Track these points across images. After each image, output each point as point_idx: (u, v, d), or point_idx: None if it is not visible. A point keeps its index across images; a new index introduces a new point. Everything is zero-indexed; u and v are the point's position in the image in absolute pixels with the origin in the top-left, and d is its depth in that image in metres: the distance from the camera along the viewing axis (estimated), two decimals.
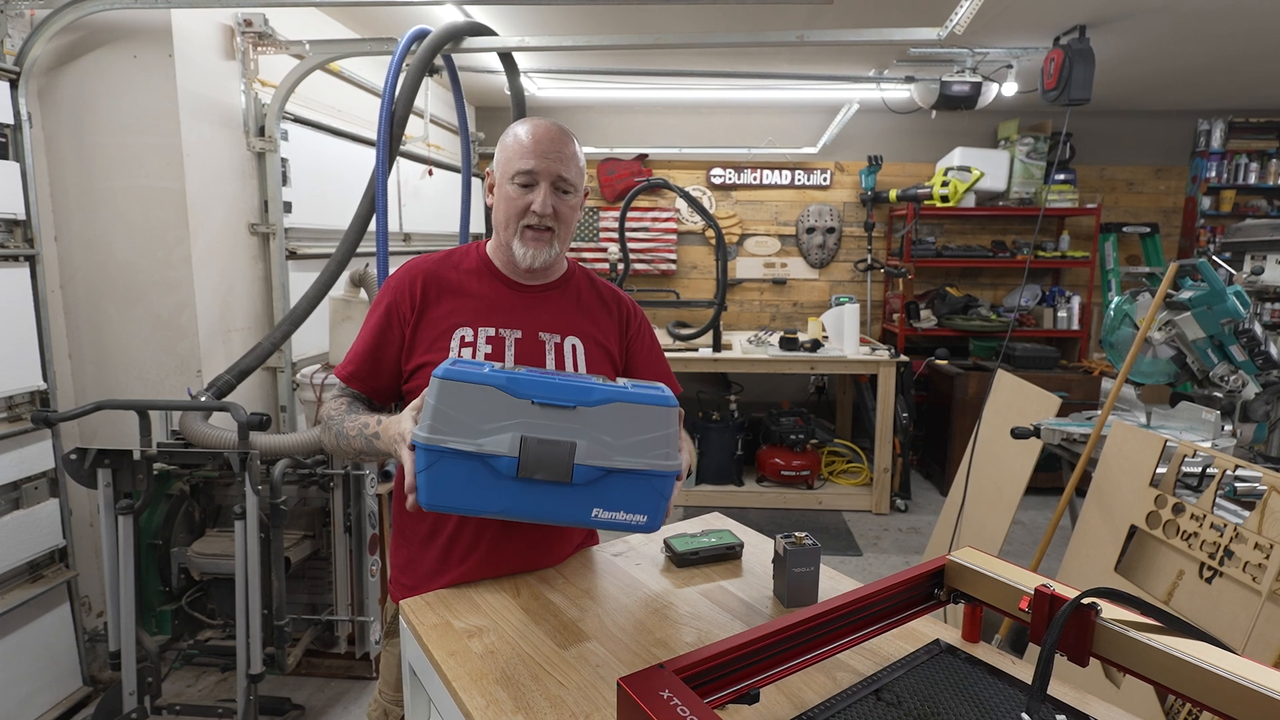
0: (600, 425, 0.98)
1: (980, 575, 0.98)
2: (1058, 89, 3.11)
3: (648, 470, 0.98)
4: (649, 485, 0.99)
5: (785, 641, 0.86)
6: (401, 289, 1.27)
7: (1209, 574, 1.71)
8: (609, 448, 0.97)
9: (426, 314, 1.27)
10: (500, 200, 1.26)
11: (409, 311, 1.27)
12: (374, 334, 1.27)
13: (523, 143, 1.24)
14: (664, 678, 0.75)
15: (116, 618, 2.03)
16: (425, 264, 1.30)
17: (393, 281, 1.29)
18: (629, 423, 0.98)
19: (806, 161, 5.12)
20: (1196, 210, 5.03)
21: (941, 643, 1.03)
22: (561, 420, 0.97)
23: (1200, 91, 4.49)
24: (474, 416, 0.96)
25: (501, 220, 1.26)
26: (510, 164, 1.24)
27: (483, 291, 1.29)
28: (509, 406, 0.97)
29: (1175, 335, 2.27)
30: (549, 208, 1.23)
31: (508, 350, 1.26)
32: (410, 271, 1.29)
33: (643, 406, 0.98)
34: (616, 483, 0.98)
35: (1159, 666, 0.79)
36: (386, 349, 1.27)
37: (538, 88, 4.38)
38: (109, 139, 2.30)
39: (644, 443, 0.98)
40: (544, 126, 1.25)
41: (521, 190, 1.24)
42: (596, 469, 0.97)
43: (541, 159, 1.23)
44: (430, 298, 1.27)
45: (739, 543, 1.39)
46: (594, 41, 2.36)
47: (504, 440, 0.96)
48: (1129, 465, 2.02)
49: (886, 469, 4.18)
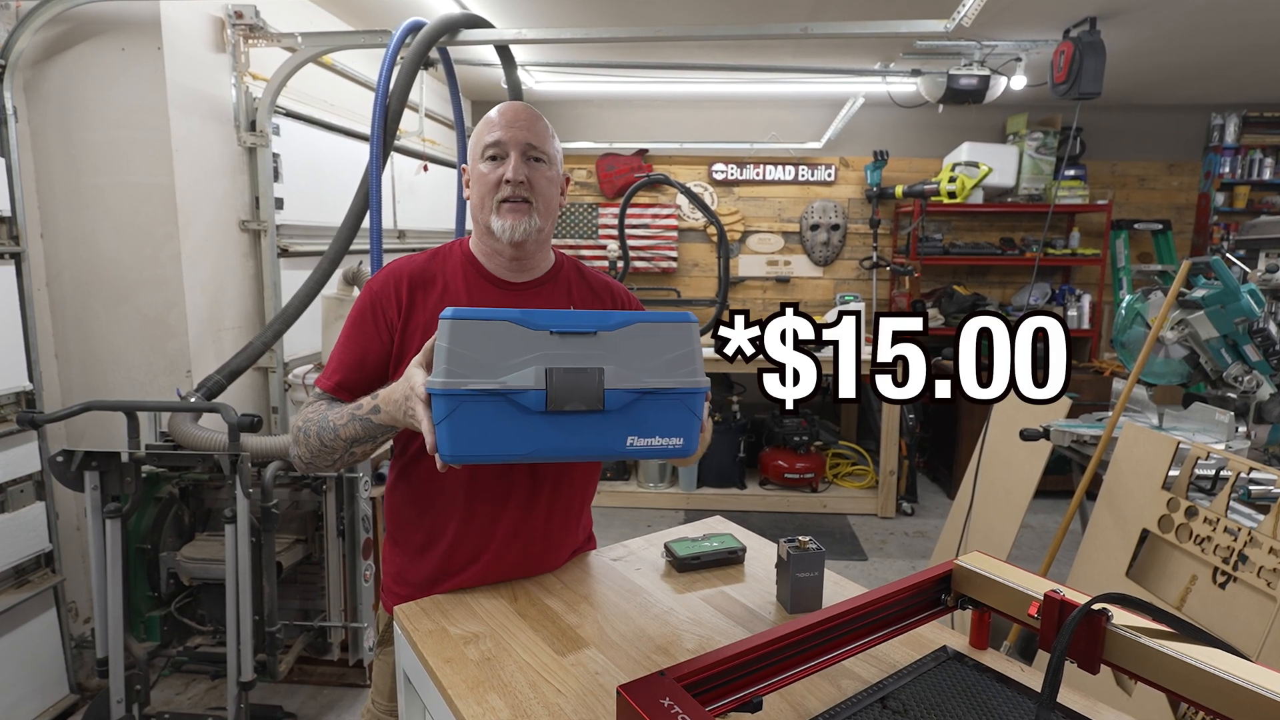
0: (624, 349, 0.97)
1: (988, 580, 0.99)
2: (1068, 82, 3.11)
3: (678, 389, 0.97)
4: (681, 404, 0.97)
5: (789, 648, 0.86)
6: (386, 292, 1.22)
7: (1222, 579, 1.71)
8: (637, 370, 0.96)
9: (414, 317, 1.22)
10: (474, 183, 1.24)
11: (395, 315, 1.21)
12: (358, 340, 1.22)
13: (490, 119, 1.23)
14: (665, 685, 0.75)
15: (104, 624, 2.03)
16: (408, 265, 1.26)
17: (375, 284, 1.23)
18: (652, 343, 0.98)
19: (810, 157, 5.12)
20: (1210, 207, 5.03)
21: (949, 649, 1.03)
22: (584, 348, 0.95)
23: (1214, 85, 4.49)
24: (491, 354, 0.93)
25: (477, 201, 1.24)
26: (479, 143, 1.23)
27: (470, 293, 1.25)
28: (527, 340, 0.94)
29: (1188, 335, 2.27)
30: (521, 174, 1.20)
31: None
32: (393, 273, 1.24)
33: (664, 325, 0.99)
34: (649, 406, 0.96)
35: (1171, 674, 0.79)
36: (372, 356, 1.21)
37: (535, 81, 4.38)
38: (96, 134, 2.30)
39: (670, 362, 0.98)
40: (510, 104, 1.25)
41: (492, 164, 1.21)
42: (629, 392, 0.95)
43: (508, 128, 1.21)
44: (417, 300, 1.22)
45: (741, 547, 1.39)
46: (593, 34, 2.36)
47: (528, 374, 0.93)
48: (1141, 468, 2.02)
49: (892, 471, 4.18)
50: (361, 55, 3.32)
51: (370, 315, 1.22)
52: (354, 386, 1.21)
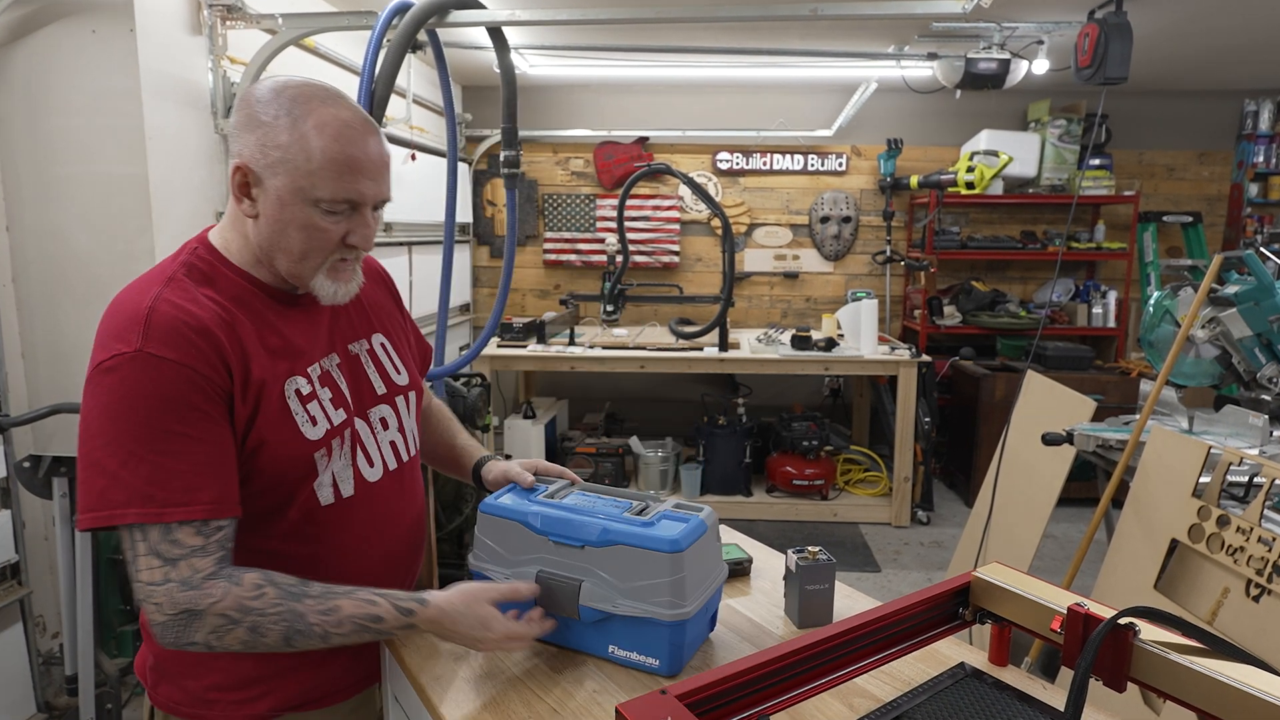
0: (605, 566, 1.05)
1: (1009, 593, 0.98)
2: (1092, 67, 3.11)
3: (646, 617, 1.03)
4: (656, 631, 1.03)
5: (797, 665, 0.86)
6: (194, 353, 0.94)
7: (1256, 591, 1.71)
8: (613, 590, 1.04)
9: (248, 375, 0.99)
10: (297, 227, 0.99)
11: (224, 379, 0.96)
12: (197, 432, 0.94)
13: (343, 159, 0.98)
14: (666, 704, 0.75)
15: (74, 639, 2.03)
16: (185, 307, 0.96)
17: (170, 349, 0.93)
18: (631, 566, 1.03)
19: (820, 145, 5.13)
20: (1243, 198, 5.03)
21: (967, 666, 1.03)
22: (573, 558, 1.07)
23: (1247, 70, 4.49)
24: (508, 548, 1.11)
25: (297, 251, 1.01)
26: (319, 183, 0.97)
27: (277, 323, 1.05)
28: (531, 541, 1.10)
29: (1220, 333, 2.27)
30: (371, 240, 1.05)
31: (340, 384, 1.10)
32: (180, 323, 0.94)
33: (644, 551, 1.03)
34: (623, 624, 1.05)
35: (1202, 692, 0.78)
36: (222, 445, 0.96)
37: (530, 65, 4.38)
38: (66, 121, 2.30)
39: (645, 588, 1.03)
40: (360, 128, 1.00)
41: (333, 219, 1.00)
42: (599, 611, 1.04)
43: (372, 180, 1.01)
44: (232, 353, 0.98)
45: (747, 558, 1.39)
46: (590, 15, 2.36)
47: (529, 574, 1.09)
48: (1170, 474, 2.02)
49: (907, 478, 4.18)
50: (345, 38, 3.32)
51: (191, 392, 0.93)
52: (229, 496, 0.96)
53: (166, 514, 0.91)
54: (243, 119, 1.00)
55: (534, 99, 5.05)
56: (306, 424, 1.04)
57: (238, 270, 1.05)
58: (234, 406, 0.98)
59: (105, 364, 0.93)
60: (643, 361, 4.19)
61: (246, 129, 0.99)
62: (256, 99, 1.00)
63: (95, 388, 0.94)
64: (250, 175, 0.99)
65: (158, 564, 0.91)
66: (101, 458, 0.92)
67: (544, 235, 5.19)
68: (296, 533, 1.07)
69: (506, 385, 5.17)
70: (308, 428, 1.04)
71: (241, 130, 1.00)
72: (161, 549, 0.91)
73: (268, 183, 0.98)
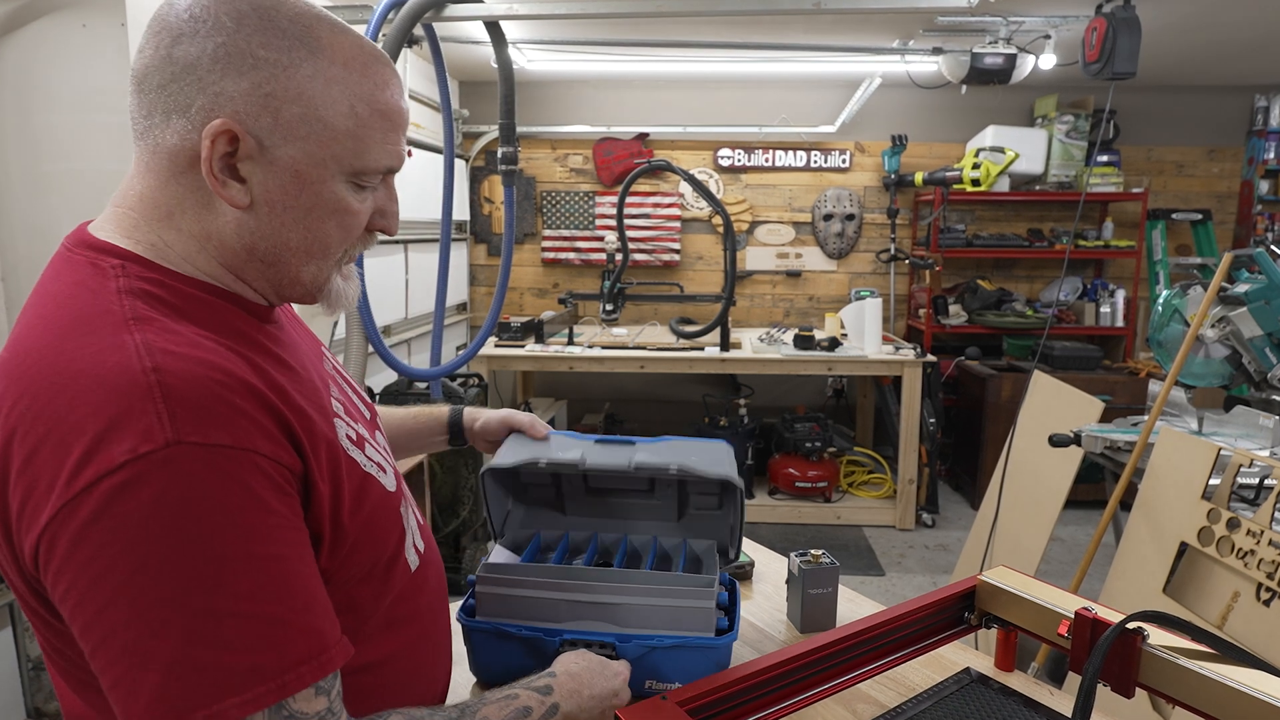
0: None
1: (1015, 597, 0.99)
2: (1100, 62, 3.10)
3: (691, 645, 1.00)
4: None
5: (800, 670, 0.86)
6: (251, 428, 0.63)
7: (1267, 596, 1.71)
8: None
9: (314, 437, 0.70)
10: (325, 213, 0.72)
11: (293, 457, 0.67)
12: (288, 549, 0.65)
13: (385, 107, 0.72)
14: (667, 710, 0.75)
15: None
16: (199, 358, 0.63)
17: (219, 429, 0.61)
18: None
19: (823, 141, 5.13)
20: (1254, 195, 5.02)
21: (972, 672, 1.03)
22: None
23: (1258, 64, 4.49)
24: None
25: (319, 248, 0.73)
26: (361, 148, 0.72)
27: (281, 354, 0.75)
28: None
29: (1230, 333, 2.27)
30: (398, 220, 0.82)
31: (357, 423, 0.83)
32: (211, 383, 0.62)
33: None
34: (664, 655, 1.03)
35: (1212, 698, 0.79)
36: (312, 559, 0.69)
37: (527, 60, 4.38)
38: (56, 117, 2.30)
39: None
40: (385, 60, 0.74)
41: (363, 196, 0.75)
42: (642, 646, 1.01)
43: (403, 136, 0.76)
44: (289, 412, 0.68)
45: (749, 561, 1.39)
46: (590, 9, 2.36)
47: None
48: (1179, 476, 2.02)
49: (912, 480, 4.18)
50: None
51: (269, 490, 0.64)
52: (339, 631, 0.69)
53: (289, 684, 0.61)
54: (213, 54, 0.65)
55: (532, 94, 5.05)
56: (378, 473, 0.79)
57: (207, 287, 0.71)
58: (311, 490, 0.68)
59: (106, 481, 0.57)
60: (643, 361, 4.19)
61: (226, 69, 0.65)
62: (229, 19, 0.65)
63: (100, 526, 0.57)
64: (244, 143, 0.67)
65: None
66: (143, 640, 0.57)
67: (542, 233, 5.19)
68: (384, 623, 0.80)
69: (504, 385, 5.17)
70: (381, 477, 0.80)
71: (216, 72, 0.65)
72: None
73: (278, 152, 0.68)
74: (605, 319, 4.39)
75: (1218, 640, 0.82)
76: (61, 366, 0.61)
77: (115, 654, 0.58)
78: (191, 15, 0.65)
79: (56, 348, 0.62)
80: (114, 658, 0.58)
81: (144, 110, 0.69)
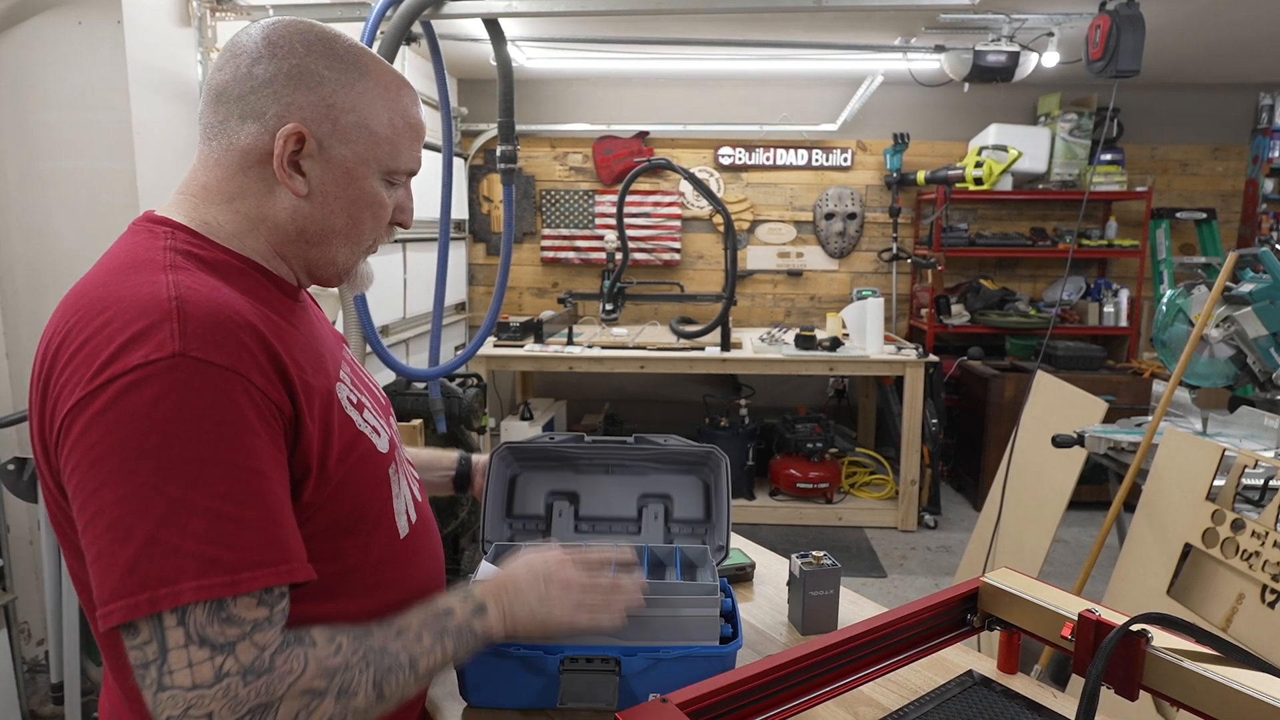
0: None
1: (1018, 599, 0.98)
2: (1104, 59, 3.10)
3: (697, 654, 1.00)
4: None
5: (801, 672, 0.86)
6: (248, 359, 0.73)
7: (1272, 597, 1.71)
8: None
9: (308, 385, 0.80)
10: (365, 204, 0.87)
11: (281, 395, 0.76)
12: (265, 465, 0.73)
13: (415, 120, 0.90)
14: (667, 713, 0.74)
15: (59, 646, 2.03)
16: (218, 298, 0.75)
17: (221, 351, 0.71)
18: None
19: (825, 140, 5.13)
20: (1258, 194, 5.02)
21: (975, 674, 1.03)
22: None
23: (1262, 62, 4.49)
24: None
25: (357, 234, 0.89)
26: (396, 151, 0.88)
27: (297, 324, 0.87)
28: None
29: (1234, 333, 2.26)
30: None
31: (364, 393, 0.94)
32: (224, 317, 0.73)
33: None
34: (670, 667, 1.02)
35: (1216, 700, 0.78)
36: (287, 486, 0.77)
37: (527, 58, 4.38)
38: (52, 115, 2.30)
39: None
40: (409, 85, 0.91)
41: (392, 193, 0.91)
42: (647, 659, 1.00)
43: (422, 145, 0.94)
44: (286, 358, 0.77)
45: (750, 563, 1.39)
46: (590, 6, 2.36)
47: None
48: (1183, 477, 2.02)
49: (914, 481, 4.18)
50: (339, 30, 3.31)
51: (250, 414, 0.72)
52: (303, 556, 0.76)
53: (242, 581, 0.68)
54: (289, 72, 0.82)
55: (531, 92, 5.05)
56: (371, 434, 0.88)
57: (241, 258, 0.84)
58: (299, 429, 0.77)
59: (120, 380, 0.68)
60: (643, 361, 4.19)
61: (298, 85, 0.82)
62: (300, 46, 0.83)
63: (107, 416, 0.68)
64: (309, 143, 0.82)
65: (205, 656, 0.67)
66: (125, 517, 0.67)
67: (541, 232, 5.19)
68: (371, 583, 0.87)
69: (503, 386, 5.17)
70: (375, 439, 0.89)
71: (289, 87, 0.82)
72: (210, 633, 0.67)
73: (334, 152, 0.84)
74: (605, 319, 4.39)
75: (1222, 642, 0.82)
76: (106, 294, 0.75)
77: (101, 529, 0.67)
78: (269, 42, 0.82)
79: (105, 281, 0.77)
80: (99, 533, 0.67)
81: (220, 116, 0.84)
